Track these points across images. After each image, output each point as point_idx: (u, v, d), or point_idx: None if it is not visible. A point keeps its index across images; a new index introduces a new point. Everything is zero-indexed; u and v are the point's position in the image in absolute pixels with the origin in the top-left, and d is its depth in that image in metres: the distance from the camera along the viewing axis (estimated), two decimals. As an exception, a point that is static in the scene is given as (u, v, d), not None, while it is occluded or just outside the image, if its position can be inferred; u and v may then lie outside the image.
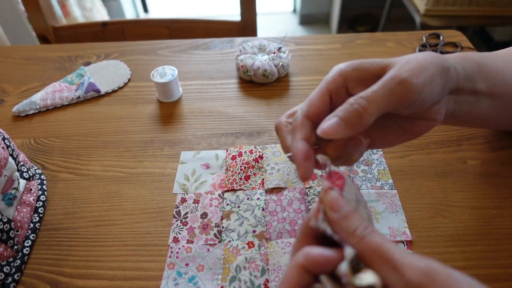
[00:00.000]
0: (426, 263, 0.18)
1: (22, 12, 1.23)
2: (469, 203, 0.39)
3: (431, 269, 0.18)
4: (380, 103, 0.24)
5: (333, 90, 0.28)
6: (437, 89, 0.27)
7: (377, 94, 0.24)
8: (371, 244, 0.20)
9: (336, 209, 0.22)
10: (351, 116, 0.24)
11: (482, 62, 0.33)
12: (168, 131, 0.49)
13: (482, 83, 0.32)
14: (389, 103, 0.25)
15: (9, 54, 0.64)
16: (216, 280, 0.34)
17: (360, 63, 0.28)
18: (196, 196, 0.41)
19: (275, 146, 0.45)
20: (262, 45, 0.58)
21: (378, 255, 0.19)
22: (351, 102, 0.24)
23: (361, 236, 0.20)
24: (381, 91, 0.25)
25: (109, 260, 0.36)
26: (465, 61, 0.31)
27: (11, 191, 0.36)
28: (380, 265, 0.19)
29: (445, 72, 0.28)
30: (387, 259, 0.19)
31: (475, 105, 0.33)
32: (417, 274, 0.18)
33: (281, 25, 2.29)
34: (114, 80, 0.57)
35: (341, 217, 0.21)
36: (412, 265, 0.18)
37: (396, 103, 0.25)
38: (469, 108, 0.33)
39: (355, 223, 0.21)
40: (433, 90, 0.27)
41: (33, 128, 0.50)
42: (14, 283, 0.34)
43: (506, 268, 0.33)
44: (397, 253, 0.19)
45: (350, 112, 0.24)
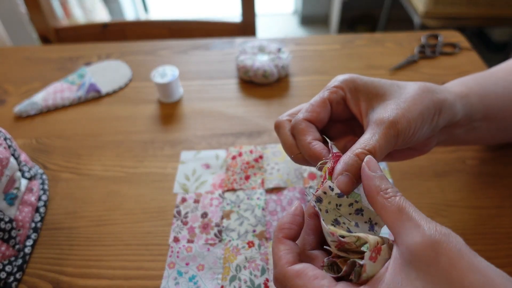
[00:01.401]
0: (447, 229, 0.19)
1: (23, 12, 1.23)
2: (468, 203, 0.39)
3: (450, 232, 0.19)
4: (382, 153, 0.26)
5: (334, 100, 0.29)
6: (426, 131, 0.28)
7: (380, 146, 0.25)
8: (400, 203, 0.21)
9: (374, 169, 0.23)
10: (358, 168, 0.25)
11: (483, 94, 0.33)
12: (169, 131, 0.49)
13: (479, 114, 0.33)
14: (387, 150, 0.26)
15: (11, 54, 0.64)
16: (216, 279, 0.34)
17: (364, 82, 0.29)
18: (197, 195, 0.41)
19: (275, 146, 0.45)
20: (262, 45, 0.58)
21: (403, 213, 0.20)
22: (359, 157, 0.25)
23: (392, 194, 0.22)
24: (382, 143, 0.25)
25: (110, 260, 0.36)
26: (468, 97, 0.31)
27: (13, 191, 0.36)
28: (404, 221, 0.20)
29: (442, 112, 0.28)
30: (411, 217, 0.20)
31: (470, 132, 0.34)
32: (437, 233, 0.19)
33: (281, 26, 2.30)
34: (115, 81, 0.57)
35: (378, 176, 0.23)
36: (433, 226, 0.19)
37: (394, 147, 0.27)
38: (464, 134, 0.34)
39: (388, 184, 0.22)
40: (422, 133, 0.28)
41: (35, 128, 0.50)
42: (16, 282, 0.34)
43: (505, 267, 0.33)
44: (421, 215, 0.20)
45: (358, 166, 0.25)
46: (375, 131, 0.26)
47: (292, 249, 0.23)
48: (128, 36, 0.83)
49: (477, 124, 0.34)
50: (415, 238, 0.19)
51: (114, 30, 0.83)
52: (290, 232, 0.24)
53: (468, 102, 0.31)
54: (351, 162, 0.25)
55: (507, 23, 1.30)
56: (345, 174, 0.25)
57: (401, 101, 0.27)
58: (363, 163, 0.24)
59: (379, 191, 0.22)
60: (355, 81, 0.29)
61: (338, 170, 0.25)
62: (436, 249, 0.18)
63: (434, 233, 0.19)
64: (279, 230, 0.24)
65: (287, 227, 0.24)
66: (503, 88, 0.35)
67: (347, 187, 0.24)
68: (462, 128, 0.33)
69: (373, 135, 0.26)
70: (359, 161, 0.25)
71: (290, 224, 0.25)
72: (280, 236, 0.24)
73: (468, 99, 0.32)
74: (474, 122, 0.33)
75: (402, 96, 0.27)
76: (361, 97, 0.29)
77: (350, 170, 0.25)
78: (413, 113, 0.26)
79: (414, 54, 0.60)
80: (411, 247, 0.19)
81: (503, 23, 1.30)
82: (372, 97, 0.28)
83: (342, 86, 0.29)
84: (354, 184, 0.25)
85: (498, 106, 0.34)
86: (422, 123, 0.27)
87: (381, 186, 0.22)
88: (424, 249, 0.18)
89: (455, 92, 0.31)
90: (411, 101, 0.27)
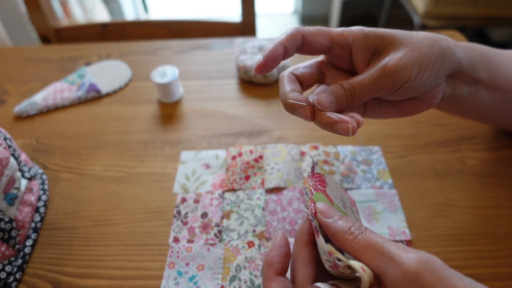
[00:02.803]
0: (422, 253, 0.19)
1: (23, 12, 1.23)
2: (468, 203, 0.39)
3: (428, 258, 0.19)
4: (366, 93, 0.27)
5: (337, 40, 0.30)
6: (431, 77, 0.28)
7: (363, 85, 0.27)
8: (367, 240, 0.20)
9: (328, 215, 0.23)
10: (342, 99, 0.27)
11: (486, 53, 0.33)
12: (169, 131, 0.49)
13: (483, 72, 0.33)
14: (374, 91, 0.28)
15: (10, 54, 0.64)
16: (216, 279, 0.34)
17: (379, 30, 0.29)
18: (197, 195, 0.41)
19: (275, 146, 0.45)
20: (262, 45, 0.58)
21: (374, 249, 0.20)
22: (345, 87, 0.27)
23: (356, 234, 0.21)
24: (367, 82, 0.27)
25: (110, 260, 0.36)
26: (469, 50, 0.32)
27: (13, 191, 0.36)
28: (377, 258, 0.19)
29: (444, 57, 0.29)
30: (383, 252, 0.19)
31: (474, 96, 0.33)
32: (414, 262, 0.18)
33: (281, 26, 2.30)
34: (115, 80, 0.57)
35: (334, 220, 0.22)
36: (408, 255, 0.19)
37: (381, 91, 0.28)
38: (468, 97, 0.33)
39: (348, 223, 0.22)
40: (423, 79, 0.28)
41: (34, 128, 0.50)
42: (16, 282, 0.34)
43: (505, 267, 0.34)
44: (393, 246, 0.20)
45: (341, 95, 0.27)
46: (367, 72, 0.28)
47: (285, 286, 0.23)
48: (128, 36, 0.83)
49: (482, 90, 0.33)
50: (395, 275, 0.19)
51: (114, 30, 0.83)
52: (280, 266, 0.23)
53: (471, 55, 0.32)
54: (334, 88, 0.27)
55: (507, 23, 1.30)
56: (327, 92, 0.27)
57: (400, 49, 0.28)
58: (318, 214, 0.23)
59: (343, 235, 0.21)
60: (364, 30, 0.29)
61: (320, 89, 0.28)
62: (419, 283, 0.18)
63: (412, 263, 0.18)
64: (269, 266, 0.23)
65: (276, 261, 0.23)
66: (509, 58, 0.35)
67: (323, 102, 0.26)
68: (466, 83, 0.32)
69: (364, 74, 0.27)
70: (342, 89, 0.27)
71: (279, 258, 0.24)
72: (271, 273, 0.23)
73: (471, 53, 0.32)
74: (478, 85, 0.33)
75: (405, 43, 0.28)
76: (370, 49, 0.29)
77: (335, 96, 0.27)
78: (408, 59, 0.27)
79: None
80: (395, 286, 0.19)
81: (503, 23, 1.30)
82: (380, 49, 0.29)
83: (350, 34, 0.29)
84: (330, 104, 0.26)
85: (502, 71, 0.34)
86: (421, 69, 0.27)
87: (342, 228, 0.21)
88: (407, 285, 0.18)
89: (460, 44, 0.31)
90: (409, 48, 0.27)
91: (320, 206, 0.23)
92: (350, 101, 0.27)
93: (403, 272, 0.18)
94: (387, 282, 0.19)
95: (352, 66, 0.31)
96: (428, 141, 0.46)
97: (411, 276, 0.18)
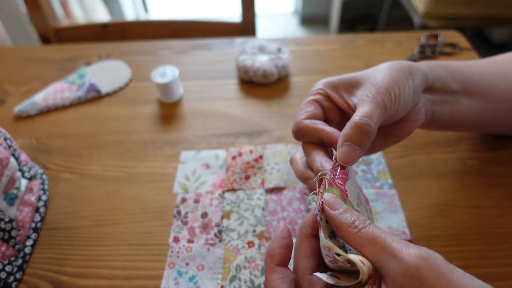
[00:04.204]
0: (424, 250, 0.19)
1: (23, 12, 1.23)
2: (468, 203, 0.39)
3: (428, 255, 0.19)
4: (378, 118, 0.27)
5: (320, 100, 0.31)
6: (408, 94, 0.30)
7: (374, 112, 0.27)
8: (370, 234, 0.21)
9: (334, 206, 0.23)
10: (362, 137, 0.26)
11: (448, 66, 0.35)
12: (169, 131, 0.49)
13: (454, 83, 0.34)
14: (383, 116, 0.28)
15: (11, 54, 0.64)
16: (216, 279, 0.34)
17: (337, 79, 0.32)
18: (197, 195, 0.41)
19: (275, 146, 0.45)
20: (262, 45, 0.58)
21: (376, 244, 0.20)
22: (358, 124, 0.26)
23: (360, 227, 0.21)
24: (375, 108, 0.27)
25: (110, 260, 0.36)
26: (431, 66, 0.34)
27: (13, 191, 0.36)
28: (379, 253, 0.20)
29: (410, 73, 0.30)
30: (385, 247, 0.20)
31: (455, 106, 0.35)
32: (415, 258, 0.18)
33: (281, 26, 2.30)
34: (115, 81, 0.57)
35: (340, 213, 0.22)
36: (410, 251, 0.19)
37: (385, 114, 0.28)
38: (450, 108, 0.34)
39: (353, 216, 0.22)
40: (405, 96, 0.29)
41: (35, 128, 0.50)
42: (16, 282, 0.34)
43: (505, 267, 0.34)
44: (395, 242, 0.20)
45: (360, 134, 0.26)
46: (363, 104, 0.28)
47: (286, 277, 0.23)
48: (128, 36, 0.83)
49: (461, 99, 0.35)
50: (395, 269, 0.19)
51: (114, 30, 0.83)
52: (281, 257, 0.24)
53: (437, 70, 0.33)
54: (348, 131, 0.26)
55: (507, 23, 1.30)
56: (346, 144, 0.25)
57: (374, 78, 0.29)
58: (324, 204, 0.23)
59: (347, 228, 0.22)
60: (330, 81, 0.32)
61: (338, 144, 0.26)
62: (419, 278, 0.18)
63: (412, 259, 0.18)
64: (270, 258, 0.24)
65: (277, 253, 0.24)
66: (479, 67, 0.36)
67: (349, 157, 0.25)
68: (442, 94, 0.34)
69: (363, 107, 0.27)
70: (357, 128, 0.26)
71: (280, 249, 0.24)
72: (272, 265, 0.24)
73: (437, 68, 0.34)
74: (454, 94, 0.34)
75: (373, 75, 0.30)
76: (341, 90, 0.31)
77: (351, 139, 0.25)
78: (387, 82, 0.28)
79: (414, 54, 0.60)
80: (395, 280, 0.19)
81: (503, 23, 1.30)
82: (350, 87, 0.31)
83: (322, 87, 0.31)
84: (356, 153, 0.25)
85: (475, 80, 0.35)
86: (400, 88, 0.28)
87: (346, 221, 0.22)
88: (407, 280, 0.18)
89: (419, 63, 0.33)
90: (383, 75, 0.29)
91: (327, 197, 0.23)
92: (371, 134, 0.26)
93: (404, 268, 0.18)
94: (387, 276, 0.19)
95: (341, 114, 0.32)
96: (428, 141, 0.46)
97: (411, 271, 0.18)
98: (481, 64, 0.37)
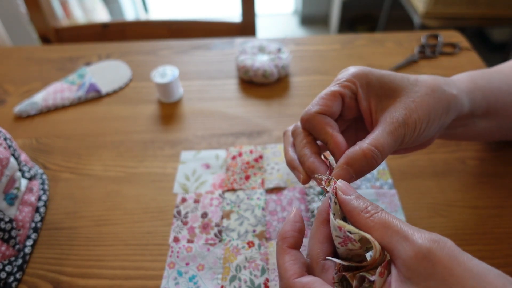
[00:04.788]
0: (434, 234, 0.19)
1: (23, 12, 1.23)
2: (468, 203, 0.39)
3: (439, 238, 0.19)
4: (389, 151, 0.26)
5: (346, 95, 0.28)
6: (437, 128, 0.28)
7: (388, 144, 0.26)
8: (382, 218, 0.21)
9: (347, 192, 0.23)
10: (364, 167, 0.25)
11: (488, 90, 0.33)
12: (169, 131, 0.49)
13: (481, 110, 0.33)
14: (394, 148, 0.27)
15: (11, 54, 0.64)
16: (216, 279, 0.34)
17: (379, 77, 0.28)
18: (197, 195, 0.41)
19: (275, 146, 0.45)
20: (262, 45, 0.58)
21: (389, 228, 0.20)
22: (366, 153, 0.25)
23: (372, 212, 0.22)
24: (390, 141, 0.26)
25: (110, 260, 0.36)
26: (471, 91, 0.32)
27: (13, 191, 0.36)
28: (391, 236, 0.20)
29: (449, 108, 0.28)
30: (397, 230, 0.20)
31: (471, 127, 0.34)
32: (427, 240, 0.19)
33: (281, 26, 2.30)
34: (115, 81, 0.57)
35: (352, 198, 0.23)
36: (421, 234, 0.19)
37: (401, 145, 0.27)
38: (464, 129, 0.34)
39: (366, 202, 0.22)
40: (430, 130, 0.28)
41: (35, 128, 0.50)
42: (16, 282, 0.34)
43: (505, 267, 0.33)
44: (407, 227, 0.20)
45: (363, 164, 0.25)
46: (384, 130, 0.26)
47: (298, 259, 0.23)
48: (128, 36, 0.83)
49: (478, 120, 0.34)
50: (407, 252, 0.19)
51: (114, 30, 0.83)
52: (293, 240, 0.24)
53: (473, 98, 0.32)
54: (354, 156, 0.25)
55: (507, 23, 1.30)
56: (344, 167, 0.25)
57: (411, 101, 0.27)
58: (338, 190, 0.23)
59: (359, 212, 0.22)
60: (368, 76, 0.28)
61: (339, 163, 0.26)
62: (430, 260, 0.18)
63: (424, 241, 0.19)
64: (282, 240, 0.24)
65: (289, 235, 0.24)
66: (507, 85, 0.35)
67: (341, 178, 0.25)
68: (464, 122, 0.33)
69: (382, 133, 0.26)
70: (362, 156, 0.25)
71: (293, 232, 0.24)
72: (285, 247, 0.24)
73: (473, 95, 0.32)
74: (475, 117, 0.33)
75: (411, 95, 0.28)
76: (372, 94, 0.28)
77: (352, 164, 0.25)
78: (420, 114, 0.27)
79: (414, 54, 0.60)
80: (406, 262, 0.19)
81: (503, 23, 1.30)
82: (383, 94, 0.28)
83: (354, 80, 0.28)
84: (351, 179, 0.25)
85: (501, 103, 0.34)
86: (429, 122, 0.27)
87: (359, 206, 0.22)
88: (419, 262, 0.18)
89: (462, 89, 0.31)
90: (419, 102, 0.27)
91: (340, 183, 0.24)
92: (375, 167, 0.26)
93: (415, 250, 0.19)
94: (398, 259, 0.19)
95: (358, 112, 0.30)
96: (428, 141, 0.46)
97: (423, 253, 0.18)
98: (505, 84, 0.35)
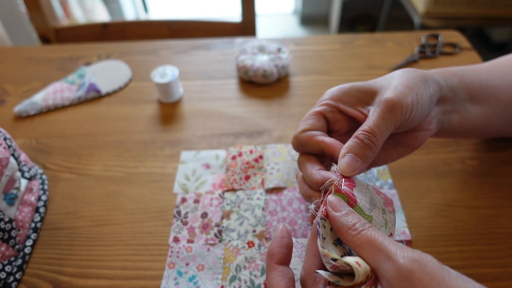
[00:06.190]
0: (417, 253, 0.19)
1: (23, 12, 1.23)
2: (468, 203, 0.39)
3: (421, 258, 0.19)
4: (384, 132, 0.27)
5: (326, 112, 0.31)
6: (425, 101, 0.29)
7: (380, 125, 0.27)
8: (368, 237, 0.21)
9: (338, 208, 0.24)
10: (364, 151, 0.26)
11: (460, 74, 0.35)
12: (169, 131, 0.49)
13: (463, 93, 0.34)
14: (390, 129, 0.27)
15: (10, 54, 0.64)
16: (216, 279, 0.34)
17: (350, 87, 0.31)
18: (197, 195, 0.41)
19: (275, 146, 0.45)
20: (262, 45, 0.58)
21: (374, 246, 0.21)
22: (361, 138, 0.27)
23: (359, 230, 0.22)
24: (381, 121, 0.27)
25: (110, 260, 0.36)
26: (444, 74, 0.33)
27: (13, 191, 0.36)
28: (375, 254, 0.20)
29: (426, 80, 0.30)
30: (382, 249, 0.20)
31: (465, 114, 0.35)
32: (408, 261, 0.19)
33: (281, 26, 2.30)
34: (115, 80, 0.57)
35: (342, 214, 0.23)
36: (404, 254, 0.19)
37: (394, 126, 0.28)
38: (459, 117, 0.34)
39: (354, 219, 0.23)
40: (422, 103, 0.29)
41: (34, 128, 0.50)
42: (16, 282, 0.34)
43: (505, 267, 0.33)
44: (391, 245, 0.20)
45: (362, 148, 0.26)
46: (372, 114, 0.28)
47: (285, 275, 0.24)
48: (128, 36, 0.83)
49: (468, 106, 0.35)
50: (390, 272, 0.19)
51: (114, 30, 0.83)
52: (280, 256, 0.25)
53: (446, 77, 0.33)
54: (351, 144, 0.26)
55: (507, 23, 1.30)
56: (347, 155, 0.26)
57: (388, 85, 0.29)
58: (327, 206, 0.24)
59: (347, 230, 0.22)
60: (341, 89, 0.31)
61: (340, 155, 0.26)
62: (410, 280, 0.18)
63: (406, 261, 0.19)
64: (270, 257, 0.25)
65: (276, 252, 0.25)
66: (488, 74, 0.36)
67: (349, 167, 0.26)
68: (453, 104, 0.34)
69: (371, 117, 0.27)
70: (359, 142, 0.26)
71: (280, 248, 0.25)
72: (272, 263, 0.24)
73: (443, 75, 0.33)
74: (464, 102, 0.34)
75: (388, 81, 0.30)
76: (354, 100, 0.31)
77: (352, 151, 0.26)
78: (401, 89, 0.28)
79: (414, 54, 0.60)
80: (389, 282, 0.19)
81: (503, 23, 1.30)
82: (364, 96, 0.30)
83: (327, 101, 0.31)
84: (357, 164, 0.26)
85: (483, 88, 0.35)
86: (412, 94, 0.28)
87: (347, 224, 0.22)
88: (400, 282, 0.19)
89: (432, 72, 0.33)
90: (397, 82, 0.29)
91: (331, 198, 0.24)
92: (374, 148, 0.27)
93: (397, 270, 0.19)
94: (383, 278, 0.20)
95: (351, 123, 0.32)
96: (428, 141, 0.45)
97: (404, 274, 0.19)
98: (487, 69, 0.37)
